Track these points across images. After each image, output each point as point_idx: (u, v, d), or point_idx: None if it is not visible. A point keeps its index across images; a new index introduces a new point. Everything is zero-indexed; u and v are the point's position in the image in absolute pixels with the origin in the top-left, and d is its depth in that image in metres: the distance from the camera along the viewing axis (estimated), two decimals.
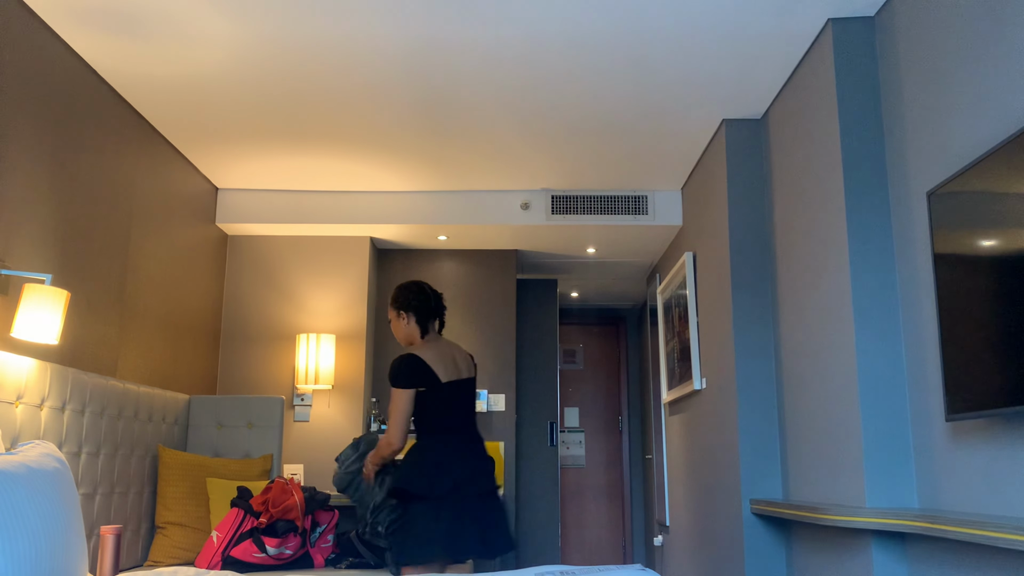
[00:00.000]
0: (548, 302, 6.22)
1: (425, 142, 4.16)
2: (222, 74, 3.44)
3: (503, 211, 4.89)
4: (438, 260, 5.50)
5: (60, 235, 3.15)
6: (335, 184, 4.79)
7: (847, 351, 2.81)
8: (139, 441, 3.61)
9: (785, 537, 3.47)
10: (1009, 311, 1.99)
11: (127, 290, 3.71)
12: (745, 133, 3.81)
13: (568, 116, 3.83)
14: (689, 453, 4.60)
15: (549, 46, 3.20)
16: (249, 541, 3.41)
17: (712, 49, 3.21)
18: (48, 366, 2.89)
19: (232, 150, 4.28)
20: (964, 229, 2.21)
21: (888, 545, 2.64)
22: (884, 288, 2.76)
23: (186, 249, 4.41)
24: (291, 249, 5.08)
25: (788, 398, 3.42)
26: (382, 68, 3.38)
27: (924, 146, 2.56)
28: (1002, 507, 2.13)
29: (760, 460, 3.52)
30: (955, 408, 2.22)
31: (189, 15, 2.98)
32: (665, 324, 5.16)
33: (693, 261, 4.43)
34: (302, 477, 4.76)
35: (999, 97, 2.17)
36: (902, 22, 2.73)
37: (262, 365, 4.92)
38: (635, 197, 4.84)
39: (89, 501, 3.16)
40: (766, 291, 3.67)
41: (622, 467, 7.27)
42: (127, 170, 3.71)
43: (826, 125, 3.01)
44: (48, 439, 2.88)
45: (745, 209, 3.74)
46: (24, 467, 2.09)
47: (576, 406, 7.38)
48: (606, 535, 7.17)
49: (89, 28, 3.07)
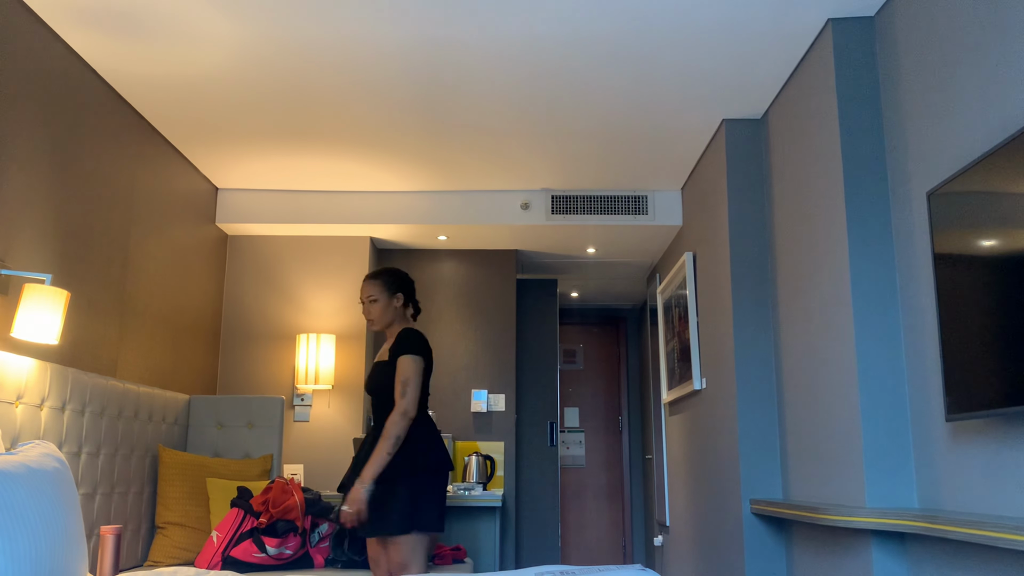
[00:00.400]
0: (548, 302, 6.22)
1: (425, 142, 4.16)
2: (222, 74, 3.44)
3: (503, 211, 4.89)
4: (438, 260, 5.50)
5: (60, 235, 3.15)
6: (335, 184, 4.79)
7: (847, 351, 2.81)
8: (139, 441, 3.61)
9: (785, 537, 3.47)
10: (1009, 311, 1.99)
11: (127, 290, 3.71)
12: (745, 133, 3.81)
13: (568, 116, 3.83)
14: (689, 453, 4.60)
15: (549, 46, 3.20)
16: (249, 541, 3.41)
17: (712, 49, 3.21)
18: (48, 366, 2.89)
19: (232, 150, 4.28)
20: (964, 229, 2.21)
21: (888, 545, 2.64)
22: (884, 288, 2.76)
23: (186, 249, 4.41)
24: (291, 249, 5.08)
25: (788, 398, 3.41)
26: (382, 68, 3.38)
27: (924, 146, 2.56)
28: (1002, 507, 2.13)
29: (760, 460, 3.52)
30: (955, 408, 2.22)
31: (189, 15, 2.98)
32: (665, 324, 5.16)
33: (693, 261, 4.43)
34: (302, 477, 4.76)
35: (999, 97, 2.17)
36: (902, 22, 2.73)
37: (262, 365, 4.92)
38: (635, 197, 4.84)
39: (89, 501, 3.16)
40: (766, 291, 3.67)
41: (622, 467, 7.27)
42: (127, 170, 3.71)
43: (826, 125, 3.01)
44: (48, 439, 2.88)
45: (745, 209, 3.74)
46: (24, 467, 2.09)
47: (576, 406, 7.38)
48: (606, 535, 7.17)
49: (89, 28, 3.07)
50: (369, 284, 3.18)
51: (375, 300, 3.15)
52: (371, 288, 3.17)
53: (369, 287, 3.17)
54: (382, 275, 3.19)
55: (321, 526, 3.63)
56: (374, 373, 3.12)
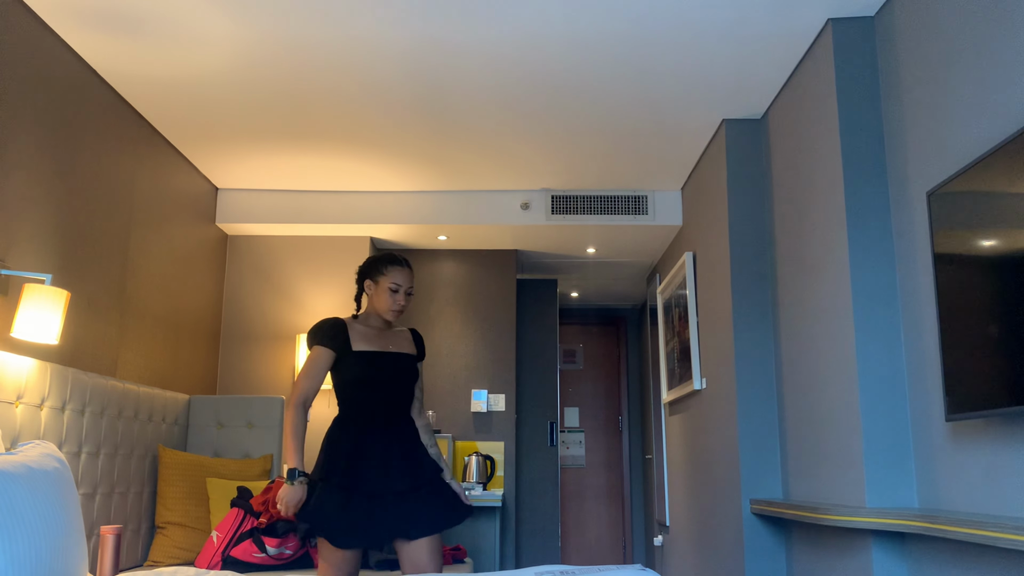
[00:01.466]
0: (548, 302, 6.22)
1: (425, 142, 4.16)
2: (222, 74, 3.44)
3: (503, 211, 4.89)
4: (438, 260, 5.50)
5: (60, 235, 3.15)
6: (335, 184, 4.79)
7: (847, 351, 2.81)
8: (139, 441, 3.61)
9: (785, 537, 3.47)
10: (1009, 311, 1.99)
11: (127, 290, 3.71)
12: (745, 133, 3.81)
13: (568, 116, 3.83)
14: (689, 453, 4.60)
15: (549, 46, 3.20)
16: (249, 541, 3.41)
17: (712, 49, 3.21)
18: (48, 366, 2.89)
19: (232, 150, 4.28)
20: (964, 229, 2.21)
21: (888, 545, 2.64)
22: (884, 288, 2.76)
23: (186, 249, 4.41)
24: (291, 249, 5.08)
25: (788, 398, 3.41)
26: (382, 68, 3.38)
27: (924, 146, 2.56)
28: (1002, 507, 2.13)
29: (760, 460, 3.52)
30: (955, 408, 2.22)
31: (190, 16, 2.98)
32: (665, 324, 5.16)
33: (693, 261, 4.43)
34: None
35: (999, 97, 2.17)
36: (902, 22, 2.73)
37: (262, 365, 4.92)
38: (635, 197, 4.84)
39: (89, 501, 3.16)
40: (766, 291, 3.67)
41: (622, 467, 7.27)
42: (127, 170, 3.71)
43: (826, 125, 3.01)
44: (48, 439, 2.88)
45: (745, 209, 3.74)
46: (24, 467, 2.09)
47: (576, 406, 7.38)
48: (606, 535, 7.17)
49: (90, 29, 3.07)
50: (412, 275, 2.91)
51: (413, 294, 2.95)
52: (413, 280, 2.92)
53: (413, 278, 2.90)
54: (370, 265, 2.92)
55: None
56: (403, 364, 2.84)
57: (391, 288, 2.82)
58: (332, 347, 2.77)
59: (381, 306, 2.84)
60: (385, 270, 2.84)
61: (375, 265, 2.87)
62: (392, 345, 2.86)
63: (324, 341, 2.77)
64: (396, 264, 2.85)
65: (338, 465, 2.69)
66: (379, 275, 2.85)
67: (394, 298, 2.83)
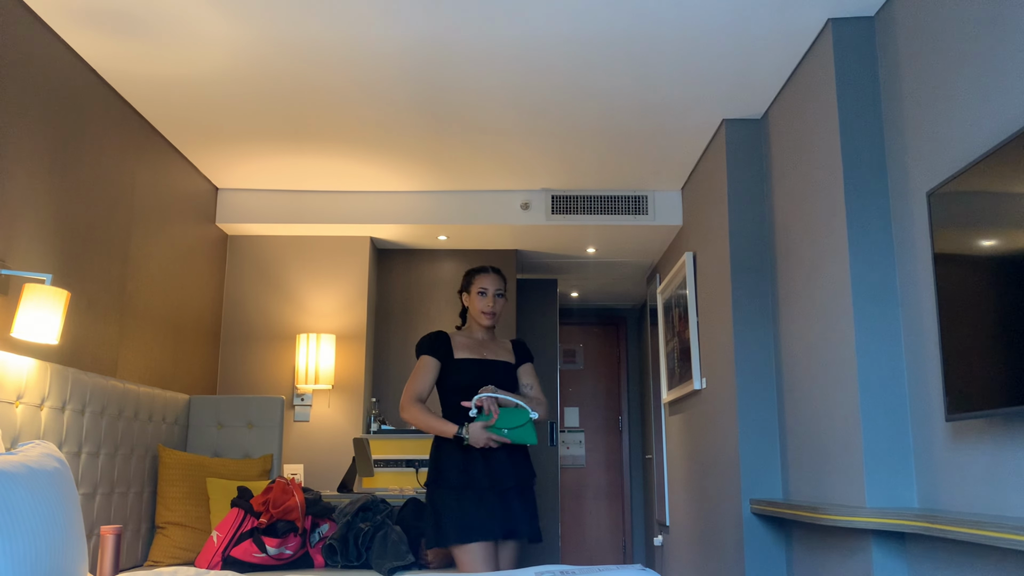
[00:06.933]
0: (548, 302, 6.22)
1: (425, 142, 4.16)
2: (222, 74, 3.44)
3: (503, 211, 4.89)
4: (438, 260, 5.50)
5: (60, 235, 3.15)
6: (335, 184, 4.79)
7: (847, 351, 2.81)
8: (139, 441, 3.61)
9: (785, 537, 3.47)
10: (1009, 311, 1.99)
11: (127, 290, 3.71)
12: (745, 133, 3.81)
13: (568, 116, 3.83)
14: (689, 453, 4.60)
15: (549, 45, 3.20)
16: (249, 541, 3.41)
17: (712, 49, 3.21)
18: (48, 366, 2.89)
19: (232, 150, 4.28)
20: (964, 229, 2.21)
21: (888, 545, 2.64)
22: (884, 288, 2.76)
23: (186, 249, 4.41)
24: (291, 249, 5.08)
25: (788, 398, 3.42)
26: (382, 68, 3.38)
27: (924, 146, 2.56)
28: (1002, 507, 2.13)
29: (760, 460, 3.52)
30: (955, 408, 2.22)
31: (189, 15, 2.98)
32: (665, 324, 5.16)
33: (693, 261, 4.43)
34: (302, 477, 4.76)
35: (999, 97, 2.17)
36: (902, 22, 2.73)
37: (262, 365, 4.92)
38: (635, 197, 4.84)
39: (89, 501, 3.16)
40: (766, 291, 3.67)
41: (622, 467, 7.27)
42: (127, 170, 3.71)
43: (826, 125, 3.01)
44: (48, 439, 2.88)
45: (745, 209, 3.74)
46: (24, 467, 2.09)
47: (576, 406, 7.38)
48: (606, 535, 7.17)
49: (90, 29, 3.07)
50: (501, 279, 3.13)
51: (504, 296, 3.14)
52: (503, 283, 3.13)
53: (501, 281, 3.12)
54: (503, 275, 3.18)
55: (321, 526, 3.63)
56: (500, 370, 3.06)
57: (480, 292, 3.09)
58: (436, 356, 3.04)
59: (475, 312, 3.10)
60: (473, 279, 3.13)
61: (465, 278, 3.16)
62: (489, 353, 3.10)
63: (429, 350, 3.05)
64: (482, 271, 3.13)
65: (451, 470, 2.94)
66: (469, 285, 3.13)
67: (483, 301, 3.08)
